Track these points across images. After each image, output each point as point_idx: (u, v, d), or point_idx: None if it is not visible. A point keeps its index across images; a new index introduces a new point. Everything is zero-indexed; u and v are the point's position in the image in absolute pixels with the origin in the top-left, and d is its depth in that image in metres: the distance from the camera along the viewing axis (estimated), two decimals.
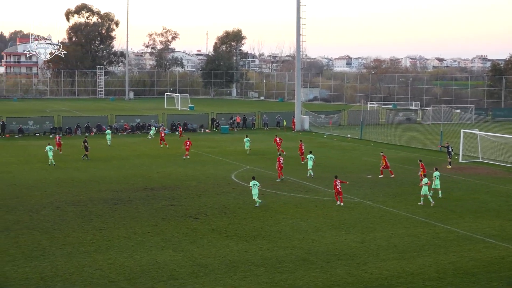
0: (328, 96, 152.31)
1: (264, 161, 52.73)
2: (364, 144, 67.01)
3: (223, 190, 40.60)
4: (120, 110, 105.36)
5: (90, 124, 76.09)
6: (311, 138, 73.10)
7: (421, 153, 59.79)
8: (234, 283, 23.27)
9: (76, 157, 54.02)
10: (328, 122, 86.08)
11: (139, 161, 53.04)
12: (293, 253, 26.96)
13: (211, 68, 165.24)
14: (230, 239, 28.97)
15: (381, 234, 30.24)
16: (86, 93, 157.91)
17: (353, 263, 25.63)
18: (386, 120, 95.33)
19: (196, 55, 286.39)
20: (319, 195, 38.90)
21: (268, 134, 76.18)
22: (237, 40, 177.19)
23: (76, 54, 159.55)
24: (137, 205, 35.92)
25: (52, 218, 32.67)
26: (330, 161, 53.51)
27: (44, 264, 25.10)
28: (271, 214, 34.09)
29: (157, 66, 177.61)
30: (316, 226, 31.53)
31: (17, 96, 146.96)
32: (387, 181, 43.94)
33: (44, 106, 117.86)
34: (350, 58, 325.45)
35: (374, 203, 36.92)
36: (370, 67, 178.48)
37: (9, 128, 73.23)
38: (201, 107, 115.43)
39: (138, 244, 27.98)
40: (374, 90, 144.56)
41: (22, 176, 45.20)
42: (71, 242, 28.15)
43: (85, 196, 38.32)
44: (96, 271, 24.33)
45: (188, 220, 32.58)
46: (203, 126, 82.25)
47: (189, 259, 25.92)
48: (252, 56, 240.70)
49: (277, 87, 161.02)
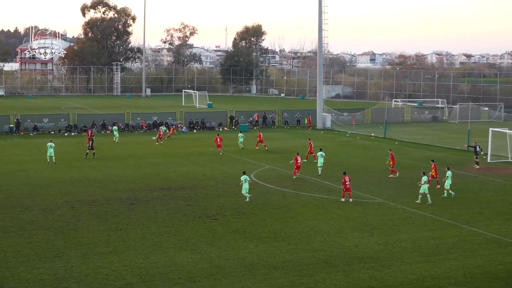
0: (351, 93, 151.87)
1: (284, 160, 52.64)
2: (388, 143, 66.62)
3: None
4: (137, 108, 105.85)
5: (106, 121, 76.47)
6: (333, 136, 72.90)
7: (447, 153, 59.42)
8: (253, 286, 23.25)
9: (92, 156, 54.22)
10: (350, 120, 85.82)
11: (156, 159, 53.23)
12: (314, 255, 26.89)
13: (230, 65, 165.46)
14: (249, 241, 28.97)
15: (406, 236, 30.07)
16: (102, 90, 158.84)
17: (377, 267, 25.51)
18: (411, 118, 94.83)
19: (215, 51, 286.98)
20: (341, 196, 38.73)
21: (288, 133, 76.20)
22: (257, 35, 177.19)
23: (92, 50, 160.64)
24: (154, 205, 36.04)
25: (67, 218, 32.88)
26: (352, 161, 53.33)
27: (58, 265, 25.27)
28: (291, 215, 34.05)
29: (175, 62, 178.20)
30: (338, 228, 31.43)
31: (32, 93, 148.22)
32: (411, 182, 43.66)
33: (59, 103, 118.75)
34: (374, 54, 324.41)
35: (398, 204, 36.74)
36: (394, 63, 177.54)
37: (23, 126, 73.80)
38: (219, 105, 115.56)
39: (154, 245, 28.07)
40: (399, 87, 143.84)
41: (36, 175, 45.56)
42: (86, 243, 28.31)
43: (100, 195, 38.52)
44: (112, 273, 24.45)
45: (206, 220, 32.63)
46: (222, 124, 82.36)
47: (207, 261, 25.95)
48: (272, 52, 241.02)
49: (298, 84, 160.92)
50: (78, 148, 57.79)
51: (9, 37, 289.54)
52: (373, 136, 72.67)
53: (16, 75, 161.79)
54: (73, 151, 56.87)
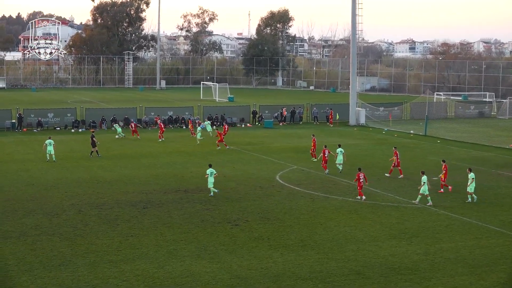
0: (387, 86, 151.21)
1: (313, 160, 52.62)
2: (429, 141, 66.33)
3: (266, 192, 40.68)
4: (151, 101, 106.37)
5: (116, 117, 76.88)
6: (368, 134, 72.71)
7: (495, 152, 59.02)
8: None
9: (101, 154, 54.65)
10: (387, 115, 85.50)
11: (171, 159, 53.47)
12: (346, 265, 26.89)
13: (254, 54, 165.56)
14: (274, 249, 29.02)
15: (448, 245, 29.94)
16: (113, 82, 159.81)
17: (415, 278, 25.44)
18: (455, 113, 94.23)
19: (237, 39, 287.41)
20: (377, 200, 38.68)
21: (318, 129, 76.06)
22: (283, 21, 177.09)
23: (101, 38, 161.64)
24: (169, 209, 36.23)
25: (74, 222, 33.16)
26: (389, 161, 53.12)
27: (64, 274, 25.51)
28: (320, 221, 34.04)
29: (192, 51, 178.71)
30: (372, 235, 31.37)
31: (36, 85, 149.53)
32: (455, 185, 43.41)
33: (65, 97, 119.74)
34: (413, 42, 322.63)
35: (440, 210, 36.57)
36: (436, 52, 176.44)
37: (26, 121, 74.50)
38: (241, 98, 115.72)
39: (169, 253, 28.23)
40: (441, 79, 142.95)
41: (41, 175, 46.00)
42: (94, 250, 28.54)
43: (110, 198, 38.79)
44: (122, 283, 24.64)
45: (227, 226, 32.74)
46: (244, 120, 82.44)
47: (227, 271, 26.05)
48: (300, 40, 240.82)
49: (329, 75, 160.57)
50: (86, 145, 58.20)
51: (11, 23, 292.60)
52: (413, 134, 72.33)
53: (18, 65, 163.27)
54: (81, 149, 57.31)
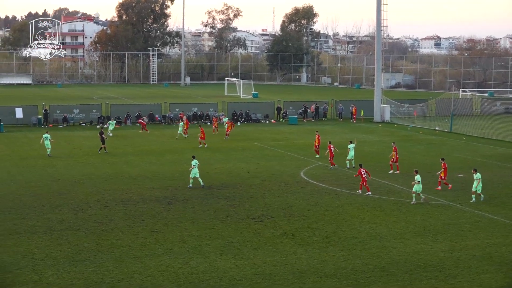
0: (413, 82, 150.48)
1: (337, 157, 52.51)
2: (454, 138, 65.95)
3: (291, 189, 40.66)
4: (175, 98, 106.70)
5: (141, 113, 77.20)
6: (393, 130, 72.40)
7: None
8: None
9: (126, 150, 54.94)
10: (412, 112, 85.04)
11: (196, 155, 53.42)
12: (371, 262, 26.81)
13: (278, 50, 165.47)
14: (298, 245, 29.01)
15: (474, 242, 29.75)
16: (137, 78, 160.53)
17: (441, 276, 25.31)
18: (481, 110, 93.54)
19: (261, 35, 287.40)
20: (402, 197, 38.53)
21: (342, 126, 75.91)
22: (308, 17, 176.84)
23: (126, 35, 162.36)
24: (194, 205, 36.33)
25: (99, 218, 33.37)
26: (414, 158, 52.90)
27: (90, 269, 25.69)
28: (345, 217, 33.97)
29: (217, 47, 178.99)
30: (397, 232, 31.26)
31: (62, 81, 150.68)
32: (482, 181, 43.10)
33: (90, 93, 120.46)
34: (439, 38, 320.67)
35: (466, 207, 36.34)
36: (462, 48, 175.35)
37: (52, 117, 75.05)
38: (266, 95, 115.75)
39: (194, 249, 28.31)
40: (467, 75, 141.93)
41: (66, 171, 46.33)
42: (119, 245, 28.71)
43: (135, 194, 38.99)
44: (147, 278, 24.75)
45: (251, 222, 32.77)
46: (268, 116, 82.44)
47: (251, 267, 26.09)
48: (325, 36, 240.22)
49: (353, 71, 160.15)
50: (111, 141, 58.52)
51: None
52: (438, 130, 71.94)
53: (44, 62, 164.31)
54: (107, 145, 57.58)
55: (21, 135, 64.50)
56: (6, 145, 58.46)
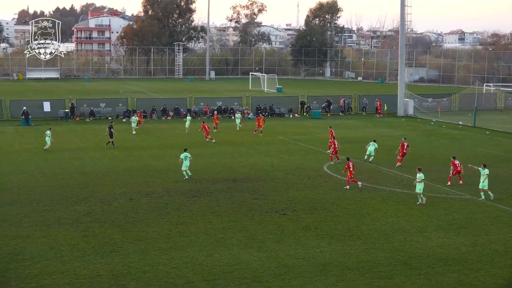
0: (436, 76, 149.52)
1: (361, 151, 52.42)
2: (478, 133, 65.49)
3: (314, 183, 40.64)
4: (200, 92, 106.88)
5: (166, 107, 77.49)
6: (416, 125, 72.04)
7: None
8: None
9: (152, 144, 55.17)
10: (436, 107, 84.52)
11: (220, 149, 53.70)
12: (393, 256, 26.76)
13: (302, 45, 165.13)
14: (321, 239, 29.01)
15: (497, 237, 29.58)
16: (163, 72, 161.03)
17: (463, 270, 25.20)
18: (505, 105, 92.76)
19: (285, 30, 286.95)
20: (425, 191, 38.30)
21: (366, 120, 75.64)
22: (332, 12, 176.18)
23: (152, 29, 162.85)
24: (218, 198, 36.44)
25: (125, 210, 33.60)
26: (437, 152, 52.62)
27: (116, 260, 25.89)
28: (368, 211, 33.91)
29: (241, 42, 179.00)
30: (420, 226, 31.15)
31: (88, 75, 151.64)
32: (505, 176, 42.84)
33: (117, 87, 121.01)
34: (463, 32, 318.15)
35: (489, 201, 36.10)
36: (486, 43, 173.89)
37: (79, 111, 75.57)
38: (290, 89, 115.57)
39: (218, 242, 28.42)
40: (491, 70, 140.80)
41: (93, 164, 46.66)
42: (145, 237, 28.89)
43: (160, 186, 39.18)
44: (172, 270, 24.89)
45: (274, 216, 32.81)
46: (292, 111, 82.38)
47: (274, 260, 26.13)
48: (349, 31, 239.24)
49: (377, 66, 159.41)
50: (137, 135, 58.79)
51: (65, 15, 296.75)
52: (461, 125, 71.48)
53: (71, 56, 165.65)
54: (132, 139, 57.93)
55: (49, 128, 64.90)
56: (34, 138, 58.96)
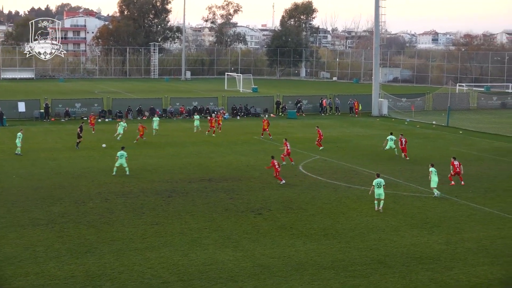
0: (410, 77, 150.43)
1: (336, 150, 52.53)
2: (451, 132, 65.91)
3: (289, 182, 40.61)
4: (176, 92, 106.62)
5: (142, 107, 77.21)
6: (390, 124, 72.34)
7: None
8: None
9: (127, 144, 54.83)
10: (410, 106, 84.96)
11: (196, 148, 53.58)
12: (368, 255, 26.80)
13: (278, 45, 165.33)
14: (297, 238, 29.00)
15: (470, 235, 29.74)
16: (139, 72, 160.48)
17: (437, 268, 25.30)
18: (477, 105, 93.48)
19: (261, 30, 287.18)
20: (399, 190, 38.52)
21: (341, 120, 75.86)
22: (307, 13, 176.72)
23: (128, 30, 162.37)
24: (193, 198, 36.32)
25: (100, 210, 33.37)
26: (412, 152, 52.79)
27: (91, 261, 25.69)
28: (343, 210, 33.96)
29: (217, 42, 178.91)
30: (394, 225, 31.24)
31: (64, 76, 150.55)
32: (477, 175, 43.14)
33: (92, 87, 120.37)
34: (436, 33, 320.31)
35: (462, 200, 36.32)
36: (459, 43, 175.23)
37: (54, 111, 75.02)
38: (265, 89, 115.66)
39: (193, 241, 28.31)
40: (464, 70, 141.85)
41: (68, 164, 46.31)
42: (120, 238, 28.71)
43: (136, 187, 38.97)
44: (148, 270, 24.75)
45: (250, 215, 32.76)
46: (268, 111, 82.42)
47: (250, 259, 26.08)
48: (324, 32, 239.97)
49: (352, 66, 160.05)
50: (113, 136, 58.45)
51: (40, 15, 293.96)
52: (435, 125, 71.89)
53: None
54: (108, 139, 57.58)
55: (24, 129, 64.26)
56: (9, 138, 58.37)
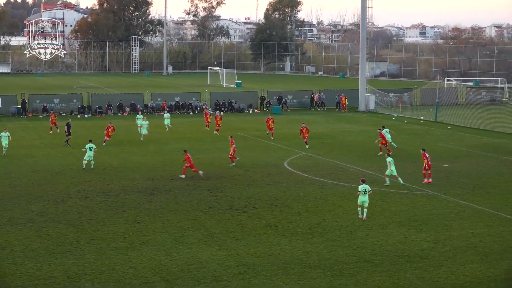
0: (397, 71, 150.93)
1: (322, 147, 52.62)
2: (439, 128, 66.21)
3: (274, 179, 40.69)
4: (157, 87, 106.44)
5: (123, 102, 77.02)
6: (377, 120, 72.55)
7: (508, 139, 58.90)
8: (286, 287, 23.35)
9: (110, 141, 54.73)
10: (397, 101, 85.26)
11: (179, 145, 53.46)
12: (355, 253, 26.90)
13: (262, 39, 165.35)
14: (282, 236, 29.06)
15: (458, 233, 29.90)
16: (119, 67, 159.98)
17: (425, 266, 25.44)
18: (466, 99, 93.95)
19: (245, 24, 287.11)
20: (386, 187, 38.65)
21: (326, 116, 76.01)
22: (292, 6, 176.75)
23: (107, 23, 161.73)
24: (176, 195, 36.30)
25: (80, 209, 33.27)
26: (400, 147, 53.02)
27: (70, 261, 25.61)
28: (329, 208, 34.05)
29: (200, 36, 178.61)
30: (381, 223, 31.37)
31: (41, 70, 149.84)
32: (466, 171, 43.38)
33: (71, 82, 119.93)
34: (424, 26, 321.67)
35: (451, 197, 36.51)
36: (447, 37, 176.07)
37: (32, 107, 74.68)
38: (249, 84, 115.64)
39: (176, 240, 28.30)
40: (452, 64, 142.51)
41: (46, 161, 46.12)
42: (101, 237, 28.64)
43: (117, 184, 38.89)
44: (129, 270, 24.72)
45: (234, 213, 32.78)
46: (252, 106, 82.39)
47: (234, 258, 26.11)
48: (309, 25, 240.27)
49: (338, 60, 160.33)
50: (92, 131, 58.32)
51: (16, 7, 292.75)
52: (423, 120, 72.19)
53: (23, 50, 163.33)
54: (87, 135, 57.34)
55: (0, 125, 63.98)
56: None
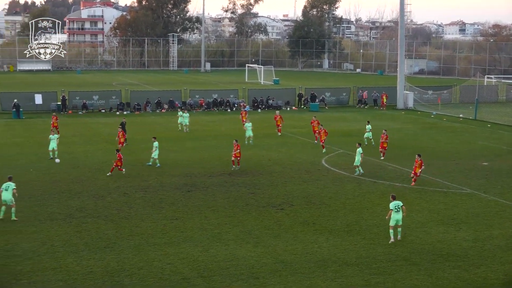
0: (436, 68, 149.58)
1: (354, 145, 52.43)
2: (479, 126, 65.51)
3: (312, 177, 40.62)
4: (195, 84, 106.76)
5: (161, 99, 77.39)
6: (416, 118, 72.03)
7: None
8: (323, 284, 23.31)
9: (145, 137, 55.08)
10: (436, 99, 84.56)
11: (216, 142, 53.63)
12: (393, 251, 26.76)
13: (300, 36, 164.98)
14: (320, 234, 29.01)
15: (499, 232, 29.59)
16: (157, 64, 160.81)
17: (464, 266, 25.21)
18: (506, 97, 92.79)
19: (282, 21, 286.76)
20: (425, 185, 38.36)
21: (365, 114, 75.61)
22: (330, 3, 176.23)
23: (146, 20, 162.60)
24: (214, 192, 36.41)
25: (119, 205, 33.55)
26: (438, 146, 52.62)
27: (109, 256, 25.85)
28: (367, 206, 33.91)
29: (238, 33, 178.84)
30: (420, 221, 31.15)
31: (81, 67, 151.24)
32: (506, 170, 42.86)
33: (110, 79, 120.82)
34: (464, 23, 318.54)
35: (491, 196, 36.12)
36: (488, 34, 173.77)
37: (72, 104, 75.39)
38: (287, 81, 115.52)
39: (214, 237, 28.40)
40: (493, 61, 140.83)
41: (86, 158, 46.57)
42: (139, 233, 28.86)
43: (155, 181, 39.12)
44: (167, 266, 24.87)
45: (271, 210, 32.80)
46: (289, 103, 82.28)
47: (271, 256, 26.12)
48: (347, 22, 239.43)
49: (376, 58, 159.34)
50: (132, 128, 58.72)
51: (57, 5, 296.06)
52: (462, 118, 71.48)
53: (64, 47, 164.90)
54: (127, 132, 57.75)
55: (40, 122, 64.76)
56: (26, 131, 58.86)
